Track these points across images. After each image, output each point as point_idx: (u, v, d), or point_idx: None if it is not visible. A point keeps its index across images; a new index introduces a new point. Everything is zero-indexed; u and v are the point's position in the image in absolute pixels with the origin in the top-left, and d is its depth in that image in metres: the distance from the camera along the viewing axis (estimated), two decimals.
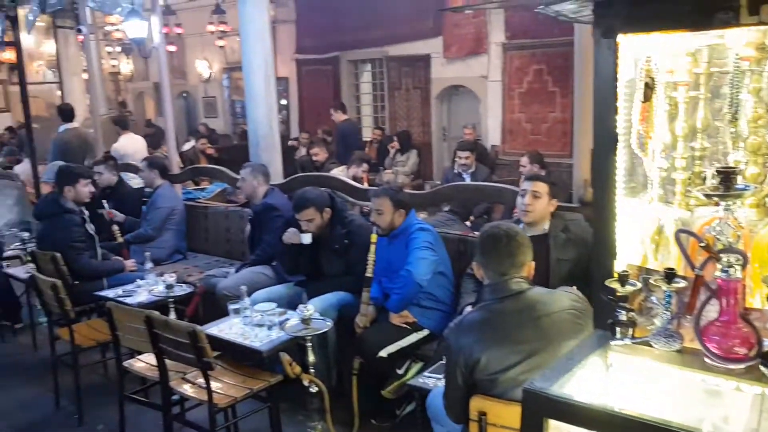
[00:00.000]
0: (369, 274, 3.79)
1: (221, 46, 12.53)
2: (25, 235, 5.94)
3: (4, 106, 15.22)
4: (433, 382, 2.94)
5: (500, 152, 8.78)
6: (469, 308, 3.32)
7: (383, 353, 3.59)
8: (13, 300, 5.68)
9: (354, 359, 3.75)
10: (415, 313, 3.76)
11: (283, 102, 11.44)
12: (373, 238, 3.82)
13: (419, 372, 3.40)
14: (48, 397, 4.39)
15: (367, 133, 10.55)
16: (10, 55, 10.60)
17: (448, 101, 9.88)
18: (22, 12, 7.93)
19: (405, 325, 3.73)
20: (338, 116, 9.74)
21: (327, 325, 3.48)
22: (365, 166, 6.86)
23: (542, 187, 3.48)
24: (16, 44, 8.12)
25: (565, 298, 2.39)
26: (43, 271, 4.62)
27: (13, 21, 7.87)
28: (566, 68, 7.88)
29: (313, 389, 3.43)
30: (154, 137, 10.65)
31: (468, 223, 5.83)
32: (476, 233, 4.56)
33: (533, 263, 2.41)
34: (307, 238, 4.15)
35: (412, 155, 8.85)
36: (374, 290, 3.86)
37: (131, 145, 8.33)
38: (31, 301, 5.52)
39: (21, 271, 5.37)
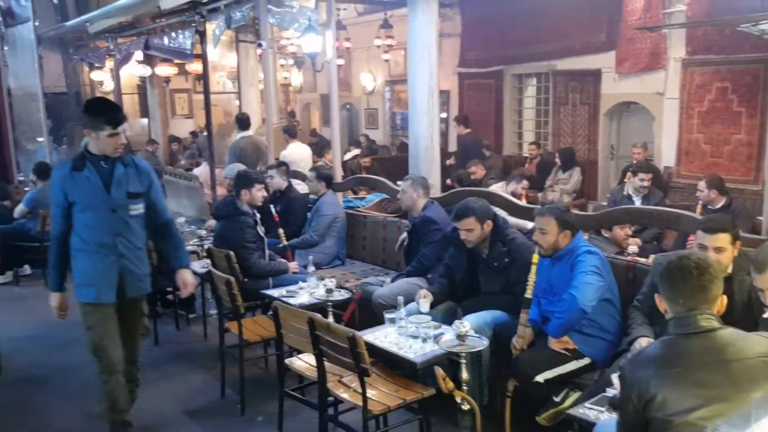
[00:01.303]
0: (528, 295, 3.67)
1: (386, 60, 12.87)
2: (202, 232, 6.41)
3: (188, 113, 16.66)
4: (595, 414, 2.78)
5: (674, 174, 8.22)
6: (643, 342, 3.12)
7: (539, 378, 3.47)
8: None
9: (508, 381, 3.67)
10: (577, 339, 3.60)
11: (443, 115, 11.51)
12: (535, 258, 3.70)
13: (578, 401, 3.23)
14: (215, 385, 4.70)
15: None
16: (197, 66, 11.58)
17: (617, 118, 9.43)
18: (209, 27, 8.63)
19: (565, 352, 3.58)
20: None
21: (483, 343, 3.44)
22: (525, 182, 6.71)
23: (725, 240, 3.11)
24: (203, 57, 8.86)
25: (764, 343, 2.15)
26: (218, 267, 4.97)
27: (202, 35, 8.60)
28: (755, 87, 7.23)
29: (465, 407, 3.39)
30: (318, 146, 11.16)
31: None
32: (643, 261, 4.32)
33: (725, 297, 2.21)
34: (425, 306, 4.04)
35: (574, 173, 8.55)
36: (533, 312, 3.73)
37: (298, 153, 8.78)
38: (204, 293, 5.96)
39: (197, 266, 5.78)
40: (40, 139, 9.22)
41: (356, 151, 11.40)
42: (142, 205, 3.65)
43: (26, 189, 8.33)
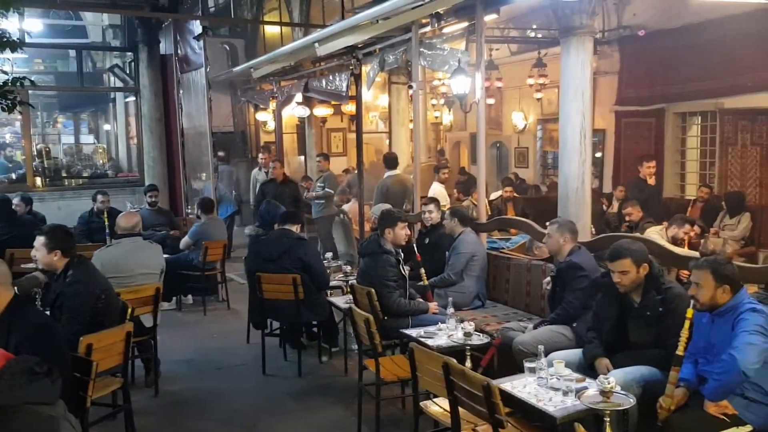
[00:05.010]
0: (680, 352, 3.39)
1: (538, 99, 12.67)
2: (348, 268, 6.58)
3: (342, 151, 17.35)
4: None
5: None
6: None
7: None
8: (333, 326, 6.29)
9: None
10: (737, 404, 3.26)
11: (598, 155, 11.08)
12: (689, 313, 3.42)
13: None
14: (352, 422, 4.73)
15: (691, 191, 9.65)
16: (351, 107, 12.07)
17: None
18: (364, 70, 8.97)
19: (723, 417, 3.24)
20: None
21: (630, 401, 3.20)
22: (687, 227, 6.25)
23: None
24: (357, 98, 9.22)
25: None
26: (359, 304, 5.06)
27: (357, 78, 8.95)
28: None
29: None
30: (466, 184, 11.12)
31: None
32: None
33: None
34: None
35: (743, 219, 7.84)
36: (687, 371, 3.45)
37: (439, 192, 8.91)
38: (347, 328, 6.08)
39: (341, 301, 5.94)
40: (204, 175, 10.01)
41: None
42: None
43: (193, 221, 9.01)
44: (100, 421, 4.11)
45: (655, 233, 6.20)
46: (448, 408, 3.51)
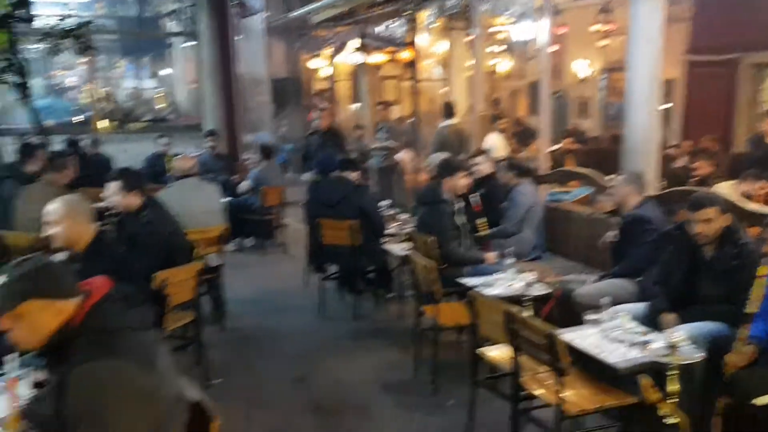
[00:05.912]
0: (750, 309, 3.32)
1: (603, 46, 12.20)
2: (403, 216, 6.59)
3: (396, 99, 17.18)
4: None
5: None
6: None
7: (759, 401, 3.11)
8: (388, 273, 6.35)
9: (719, 398, 3.33)
10: None
11: (666, 106, 10.68)
12: (762, 270, 3.32)
13: None
14: (408, 364, 4.82)
15: None
16: (407, 54, 11.90)
17: None
18: (422, 15, 8.80)
19: None
20: None
21: (698, 356, 3.14)
22: (762, 183, 6.00)
23: None
24: (413, 45, 9.08)
25: None
26: (418, 252, 5.07)
27: (414, 24, 8.80)
28: None
29: (670, 420, 3.13)
30: (522, 136, 10.88)
31: None
32: None
33: None
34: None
35: None
36: (756, 328, 3.36)
37: (496, 141, 8.77)
38: (401, 275, 6.13)
39: (397, 248, 5.97)
40: (261, 121, 10.07)
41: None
42: None
43: (250, 166, 9.12)
44: (173, 352, 4.28)
45: (727, 188, 5.98)
46: (507, 354, 3.52)
